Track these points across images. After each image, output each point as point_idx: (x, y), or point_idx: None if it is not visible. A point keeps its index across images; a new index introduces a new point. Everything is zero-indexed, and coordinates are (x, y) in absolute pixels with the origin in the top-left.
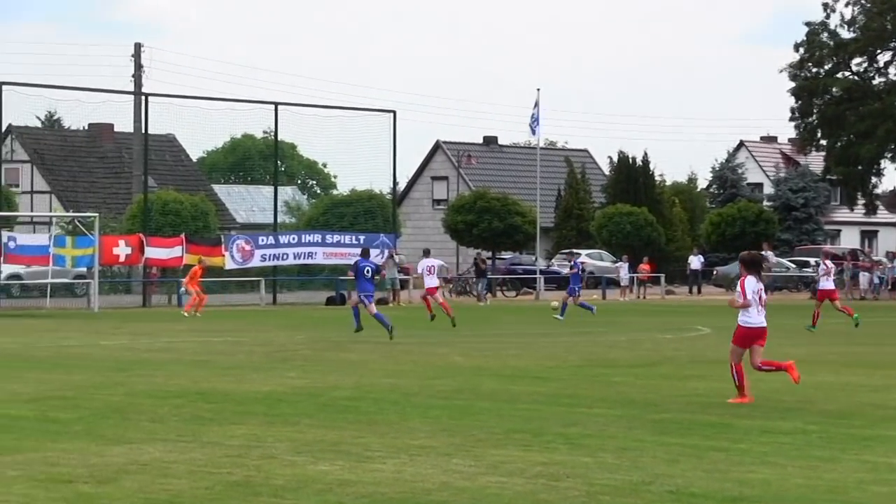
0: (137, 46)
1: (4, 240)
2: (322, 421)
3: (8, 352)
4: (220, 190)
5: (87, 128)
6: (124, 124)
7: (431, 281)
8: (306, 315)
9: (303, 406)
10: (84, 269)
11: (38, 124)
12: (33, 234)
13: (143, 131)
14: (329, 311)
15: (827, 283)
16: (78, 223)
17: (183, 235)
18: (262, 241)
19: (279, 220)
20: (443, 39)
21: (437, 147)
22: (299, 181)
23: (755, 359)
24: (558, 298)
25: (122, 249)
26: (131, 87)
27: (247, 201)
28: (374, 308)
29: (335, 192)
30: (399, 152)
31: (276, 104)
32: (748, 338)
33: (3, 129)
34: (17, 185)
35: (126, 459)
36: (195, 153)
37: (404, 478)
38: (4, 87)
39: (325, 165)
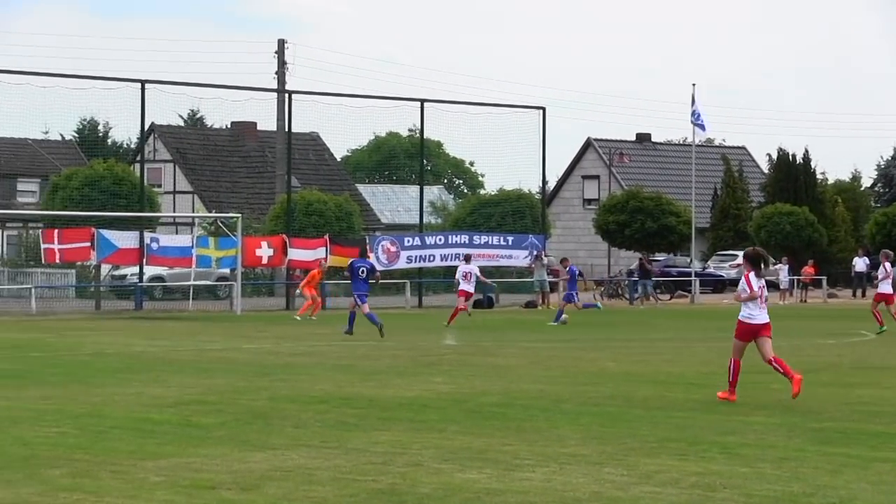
0: (281, 43)
1: (147, 241)
2: (469, 427)
3: (150, 355)
4: (364, 190)
5: (229, 126)
6: (267, 123)
7: (467, 287)
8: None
9: (449, 412)
10: (227, 271)
11: (181, 123)
12: (176, 236)
13: (287, 130)
14: (476, 315)
15: (885, 287)
16: (220, 224)
17: (326, 236)
18: (408, 242)
19: (425, 220)
20: (594, 34)
21: (588, 144)
22: (446, 180)
23: (766, 352)
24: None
25: (264, 251)
26: (274, 85)
27: (392, 201)
28: (367, 308)
29: (482, 191)
30: (549, 150)
31: (423, 101)
32: (749, 332)
33: (146, 127)
34: (160, 186)
35: (269, 466)
36: (339, 152)
37: (554, 487)
38: (148, 86)
39: (472, 164)
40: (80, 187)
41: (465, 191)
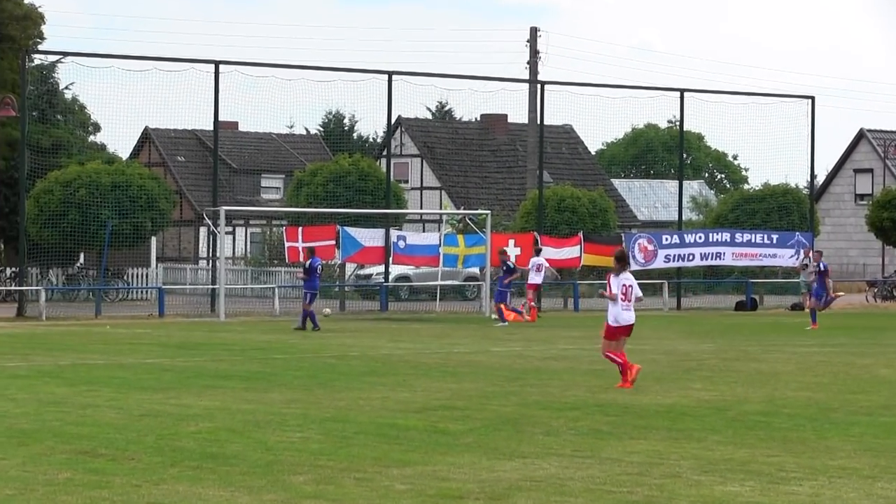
0: (533, 31)
1: (393, 239)
2: (730, 437)
3: (396, 358)
4: (619, 185)
5: (478, 119)
6: (518, 115)
7: (535, 278)
8: (714, 321)
9: (709, 421)
10: (475, 270)
11: (429, 116)
12: (423, 233)
13: (539, 122)
14: (739, 318)
15: None
16: (469, 221)
17: (580, 234)
18: (666, 240)
19: (684, 217)
20: (869, 18)
21: (860, 136)
22: (706, 175)
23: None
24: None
25: (511, 250)
26: (526, 75)
27: (649, 197)
28: (311, 307)
29: (746, 186)
30: (818, 142)
31: (682, 91)
32: (617, 333)
33: (393, 121)
34: (406, 181)
35: (519, 475)
36: (593, 145)
37: (822, 502)
38: (395, 77)
39: (734, 157)
40: (325, 183)
41: (728, 185)
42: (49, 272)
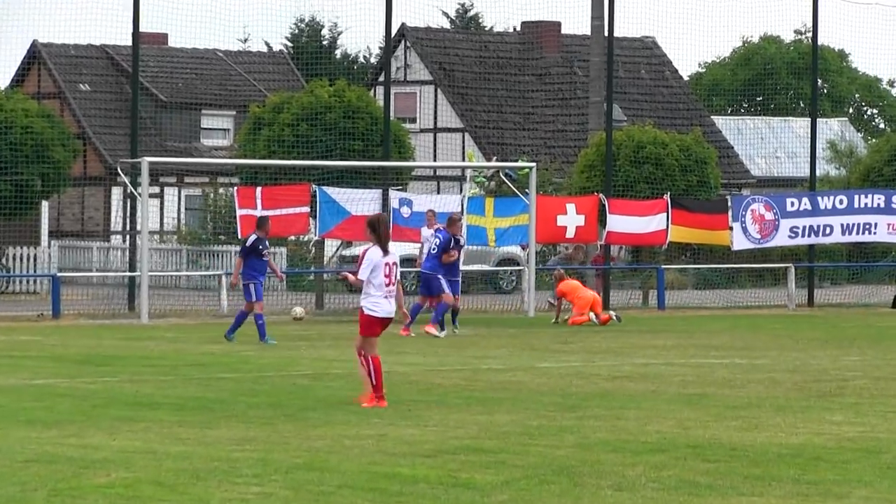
0: None
1: (395, 204)
2: (885, 492)
3: (399, 378)
4: (724, 125)
5: (518, 29)
6: (577, 23)
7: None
8: (861, 324)
9: (855, 468)
10: (515, 250)
11: (446, 24)
12: (436, 196)
13: (608, 33)
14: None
15: None
16: (504, 177)
17: (666, 196)
18: (792, 205)
19: (819, 172)
20: None
21: None
22: (851, 110)
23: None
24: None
25: (569, 219)
26: None
27: (767, 143)
28: (256, 305)
29: None
30: None
31: None
32: (376, 325)
33: (394, 32)
34: (413, 120)
35: None
36: (687, 67)
37: None
38: None
39: (892, 84)
40: (295, 123)
41: (882, 126)
42: None
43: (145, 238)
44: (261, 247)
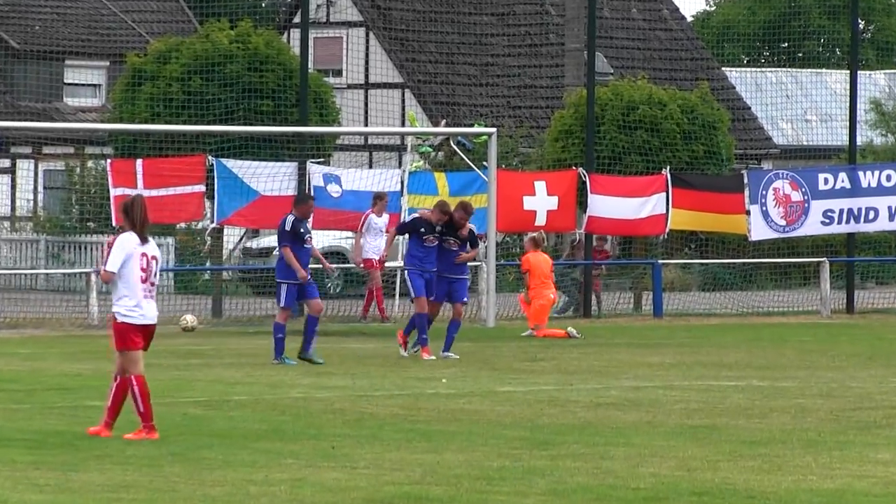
0: None
1: (317, 181)
2: None
3: (320, 405)
4: (738, 79)
5: None
6: None
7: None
8: None
9: None
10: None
11: None
12: (370, 171)
13: None
14: None
15: None
16: (457, 147)
17: (665, 170)
18: (826, 182)
19: (860, 139)
20: None
21: None
22: None
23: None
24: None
25: (539, 200)
26: None
27: (795, 103)
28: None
29: None
30: None
31: None
32: (134, 335)
33: None
34: (339, 73)
35: None
36: (691, 5)
37: None
38: None
39: None
40: (185, 77)
41: None
42: None
43: None
44: (302, 230)
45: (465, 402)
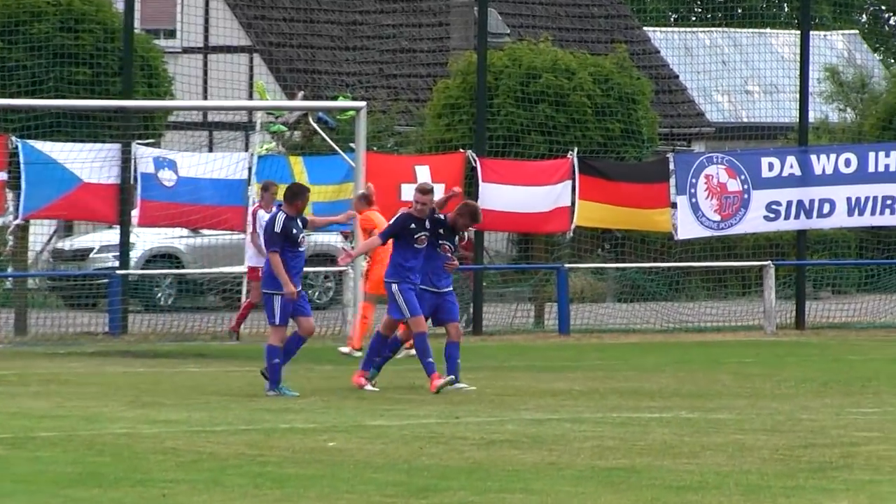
0: None
1: (145, 167)
2: None
3: (147, 444)
4: (663, 42)
5: None
6: None
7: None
8: (877, 356)
9: None
10: (332, 239)
11: None
12: (209, 155)
13: None
14: None
15: None
16: (316, 124)
17: (571, 154)
18: (770, 170)
19: (812, 117)
20: None
21: None
22: (864, 20)
23: None
24: None
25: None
26: None
27: (733, 71)
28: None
29: None
30: None
31: None
32: None
33: None
34: (172, 35)
35: None
36: None
37: None
38: None
39: None
40: None
41: None
42: None
43: None
44: (295, 231)
45: (327, 439)
